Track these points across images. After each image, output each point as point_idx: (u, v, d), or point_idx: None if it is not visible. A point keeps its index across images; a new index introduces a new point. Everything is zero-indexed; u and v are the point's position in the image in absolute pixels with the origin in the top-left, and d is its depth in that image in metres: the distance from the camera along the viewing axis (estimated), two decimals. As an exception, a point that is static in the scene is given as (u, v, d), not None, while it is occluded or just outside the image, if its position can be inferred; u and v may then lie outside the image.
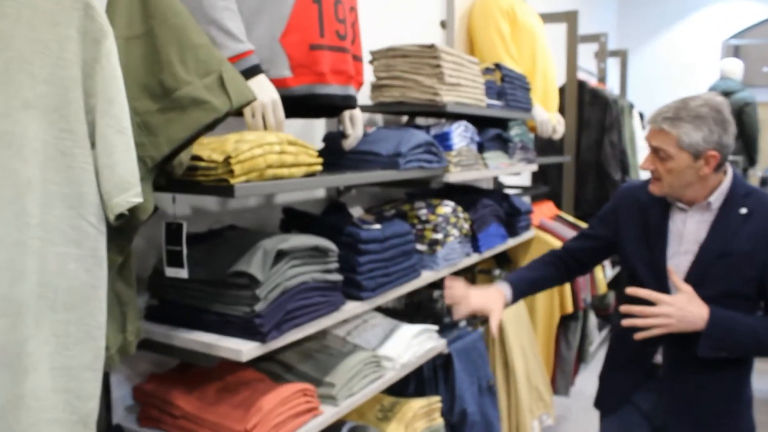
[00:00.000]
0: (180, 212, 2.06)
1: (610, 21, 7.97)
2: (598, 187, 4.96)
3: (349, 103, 1.96)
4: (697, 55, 7.99)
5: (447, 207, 2.49)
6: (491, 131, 2.86)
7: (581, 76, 5.19)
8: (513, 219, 3.14)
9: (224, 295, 1.65)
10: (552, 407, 3.44)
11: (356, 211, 2.27)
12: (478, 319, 3.02)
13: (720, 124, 1.76)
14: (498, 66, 3.03)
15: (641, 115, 6.56)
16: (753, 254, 1.80)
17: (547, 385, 3.41)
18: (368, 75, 2.60)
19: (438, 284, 2.98)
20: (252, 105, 1.73)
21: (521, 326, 3.24)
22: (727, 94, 6.20)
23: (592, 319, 5.18)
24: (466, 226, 2.63)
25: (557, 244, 3.51)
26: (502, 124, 3.15)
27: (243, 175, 1.52)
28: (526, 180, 5.14)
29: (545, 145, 5.09)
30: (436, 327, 2.43)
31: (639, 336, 1.83)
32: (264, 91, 1.73)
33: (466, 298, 2.05)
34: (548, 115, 3.69)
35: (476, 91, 2.68)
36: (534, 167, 3.39)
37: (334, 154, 2.25)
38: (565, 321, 3.64)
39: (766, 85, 8.02)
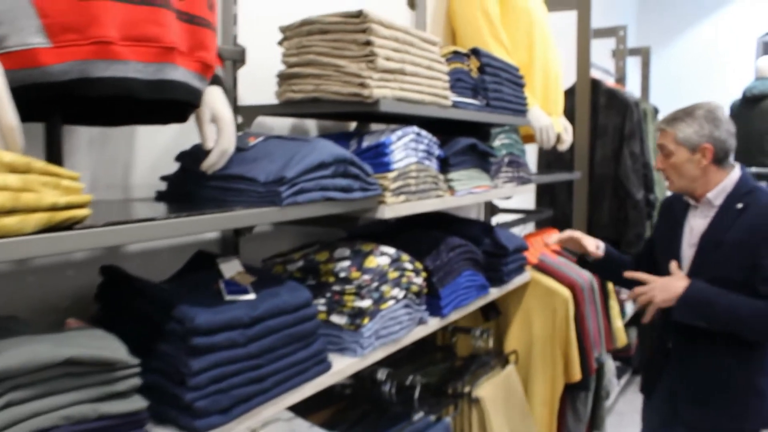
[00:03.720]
0: None
1: (630, 15, 7.09)
2: (616, 207, 4.08)
3: (172, 94, 1.14)
4: (729, 53, 7.07)
5: (383, 257, 1.66)
6: (461, 142, 2.03)
7: (596, 74, 4.35)
8: (498, 261, 2.30)
9: None
10: (555, 506, 2.59)
11: (230, 268, 1.45)
12: (448, 403, 2.19)
13: (711, 122, 2.05)
14: (476, 51, 2.21)
15: (667, 122, 5.69)
16: (744, 244, 2.00)
17: (548, 477, 2.56)
18: (277, 62, 1.79)
19: (384, 361, 2.15)
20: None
21: (511, 405, 2.40)
22: (765, 96, 5.31)
23: (610, 367, 4.31)
24: (419, 280, 1.79)
25: (560, 289, 2.66)
26: (483, 132, 2.32)
27: None
28: (529, 202, 4.29)
29: (553, 159, 4.25)
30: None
31: (644, 319, 2.10)
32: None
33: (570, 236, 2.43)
34: (550, 120, 2.85)
35: (434, 83, 1.85)
36: (529, 188, 2.55)
37: (193, 180, 1.44)
38: (573, 388, 2.78)
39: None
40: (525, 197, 4.17)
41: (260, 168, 1.37)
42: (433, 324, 1.90)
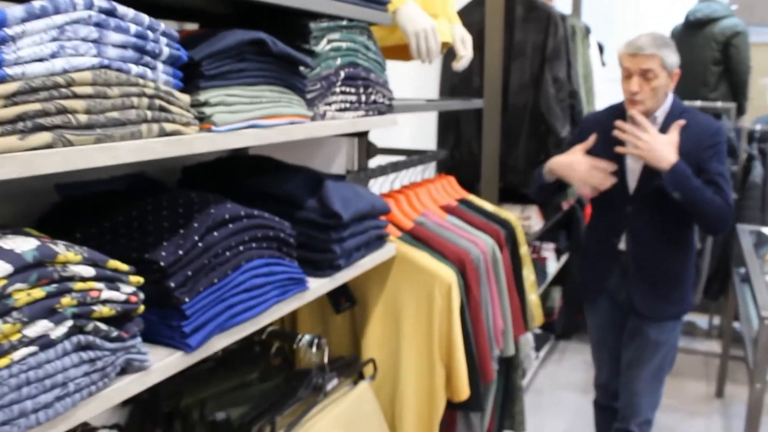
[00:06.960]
0: None
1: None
2: (535, 147, 3.29)
3: None
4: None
5: (-10, 260, 0.80)
6: (231, 36, 1.15)
7: (514, -18, 3.48)
8: (326, 236, 1.46)
9: None
10: None
11: None
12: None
13: (676, 50, 2.38)
14: None
15: (600, 48, 4.86)
16: (690, 153, 2.34)
17: None
18: None
19: (176, 377, 1.32)
20: None
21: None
22: (711, 20, 4.54)
23: (527, 340, 3.59)
24: (121, 295, 0.94)
25: (439, 268, 1.85)
26: (295, 28, 1.43)
27: None
28: (429, 138, 3.46)
29: (457, 83, 3.41)
30: None
31: (618, 149, 2.41)
32: None
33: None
34: (433, 23, 1.99)
35: None
36: (390, 121, 1.71)
37: None
38: (460, 407, 2.00)
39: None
40: (424, 133, 3.33)
41: None
42: (167, 365, 1.05)
